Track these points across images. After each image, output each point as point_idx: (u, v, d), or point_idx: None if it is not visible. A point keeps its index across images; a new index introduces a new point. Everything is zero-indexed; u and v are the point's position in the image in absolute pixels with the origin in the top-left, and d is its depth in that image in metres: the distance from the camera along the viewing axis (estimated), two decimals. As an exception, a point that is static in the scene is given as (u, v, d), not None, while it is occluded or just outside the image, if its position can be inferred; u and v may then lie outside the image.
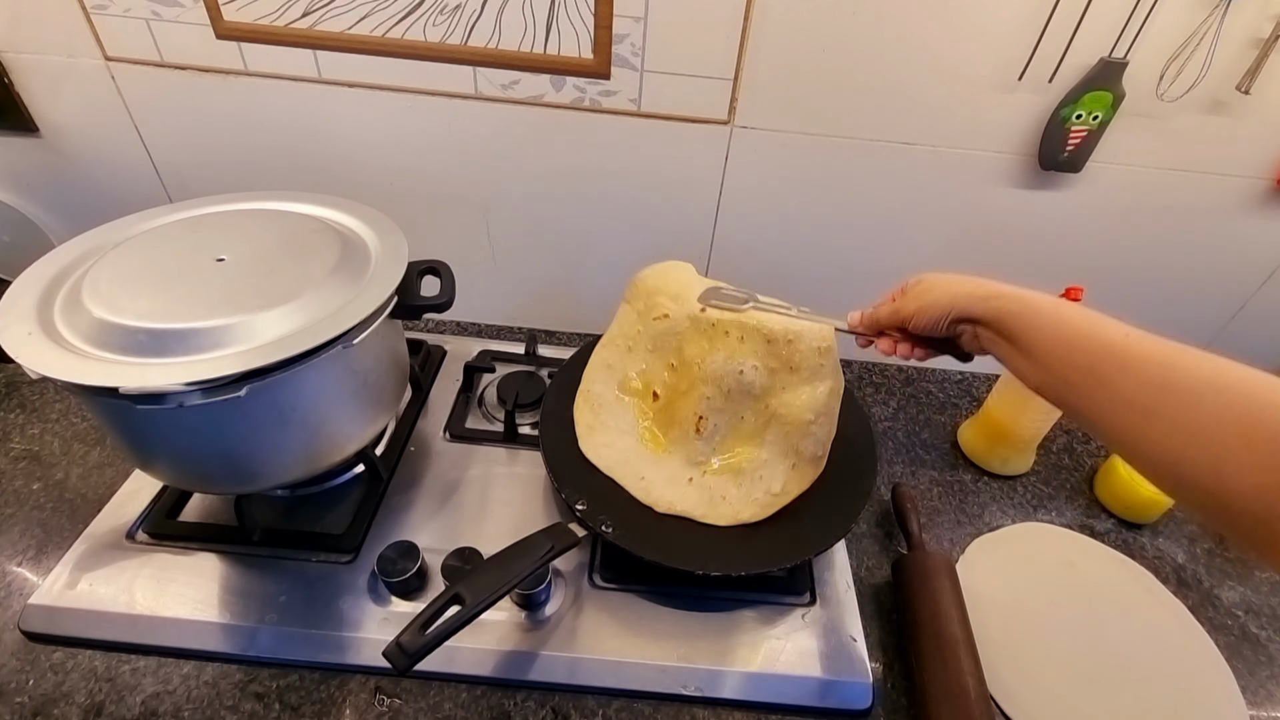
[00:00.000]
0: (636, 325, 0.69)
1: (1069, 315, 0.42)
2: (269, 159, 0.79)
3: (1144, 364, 0.37)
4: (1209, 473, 0.33)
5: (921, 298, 0.51)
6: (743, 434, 0.66)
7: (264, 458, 0.57)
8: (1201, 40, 0.63)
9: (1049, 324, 0.42)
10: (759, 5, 0.65)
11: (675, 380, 0.68)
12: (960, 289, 0.49)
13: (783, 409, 0.63)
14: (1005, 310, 0.45)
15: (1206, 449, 0.34)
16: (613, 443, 0.68)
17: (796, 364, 0.63)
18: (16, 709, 0.52)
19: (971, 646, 0.58)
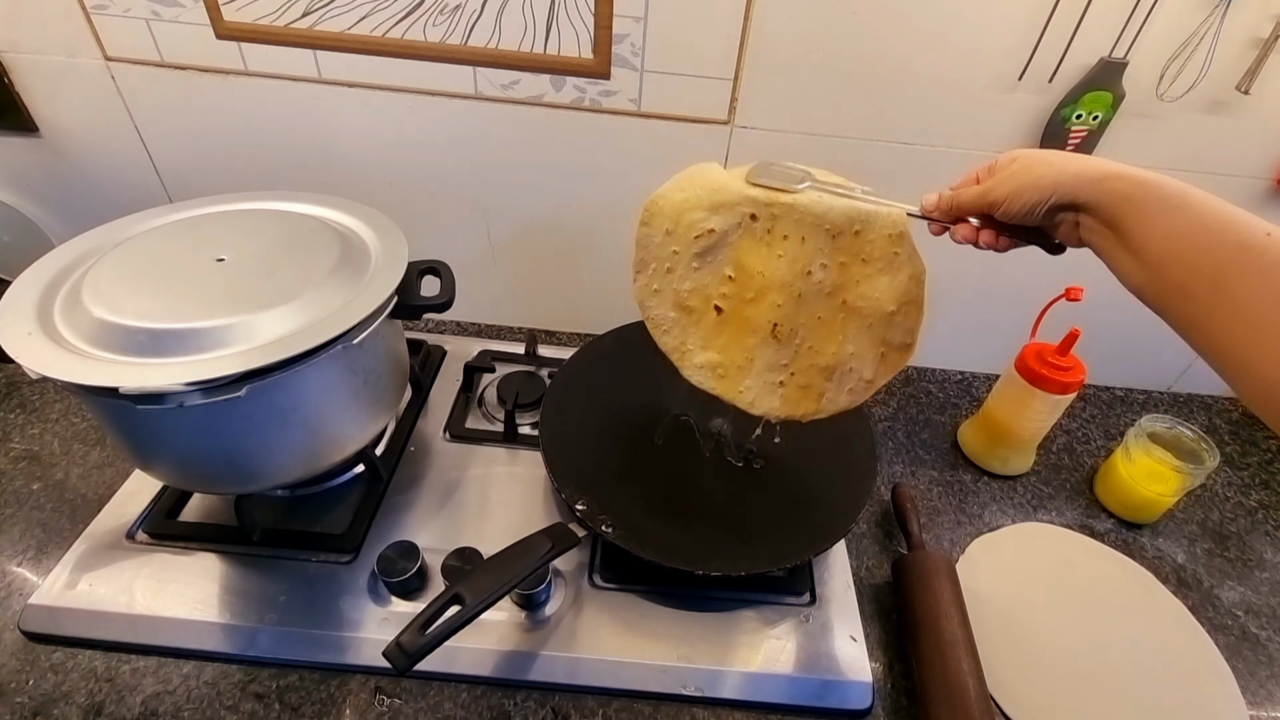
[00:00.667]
0: (669, 246, 0.61)
1: (1198, 204, 0.36)
2: (269, 159, 0.79)
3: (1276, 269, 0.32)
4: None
5: (1018, 177, 0.43)
6: (825, 332, 0.60)
7: (264, 458, 0.57)
8: (1201, 40, 0.63)
9: (1173, 216, 0.36)
10: (759, 5, 0.65)
11: (738, 290, 0.60)
12: (1068, 167, 0.41)
13: (860, 302, 0.57)
14: (1121, 194, 0.38)
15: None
16: (705, 362, 0.62)
17: (868, 254, 0.56)
18: (16, 709, 0.52)
19: (971, 646, 0.58)
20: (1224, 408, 0.96)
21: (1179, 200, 0.36)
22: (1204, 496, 0.82)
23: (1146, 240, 0.37)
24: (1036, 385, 0.74)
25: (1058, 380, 0.73)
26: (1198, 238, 0.35)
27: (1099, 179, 0.39)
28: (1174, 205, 0.36)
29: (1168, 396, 0.97)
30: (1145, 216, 0.37)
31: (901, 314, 0.57)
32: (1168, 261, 0.36)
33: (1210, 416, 0.94)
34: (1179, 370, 0.95)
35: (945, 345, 0.93)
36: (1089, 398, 0.95)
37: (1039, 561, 0.71)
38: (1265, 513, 0.81)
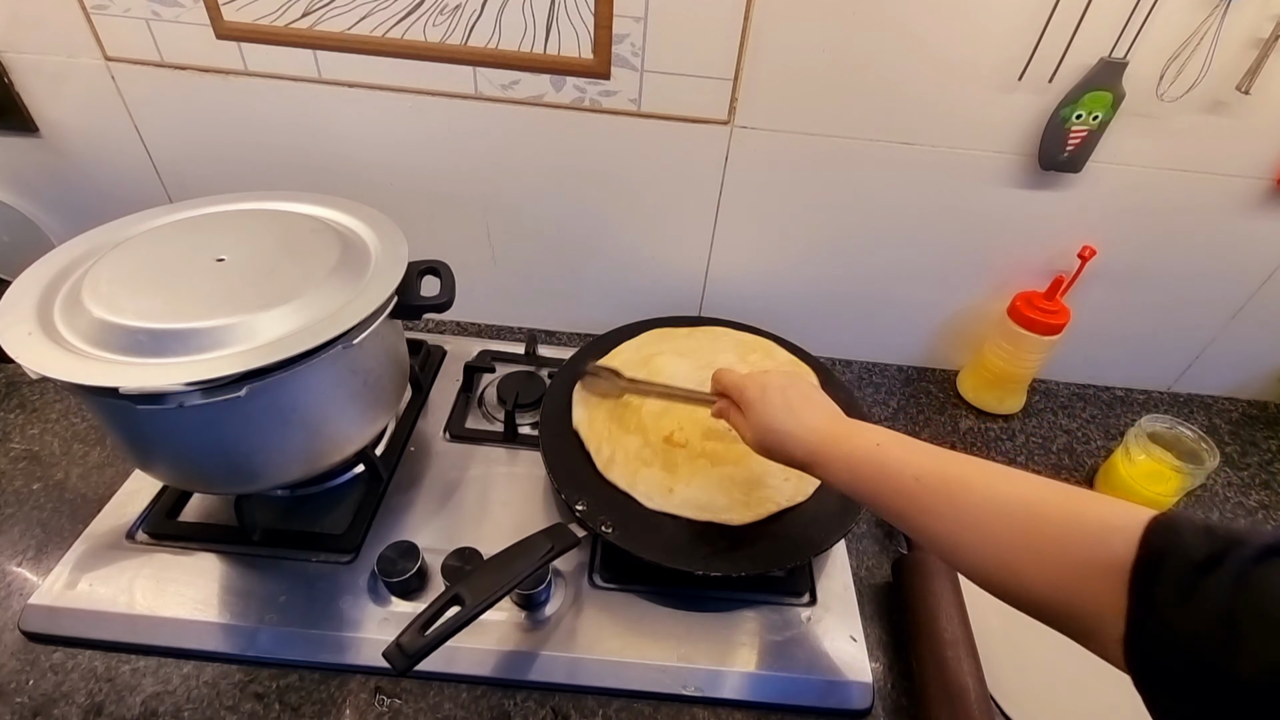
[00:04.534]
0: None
1: (862, 473, 0.47)
2: (269, 159, 0.79)
3: (935, 501, 0.42)
4: (1013, 584, 0.38)
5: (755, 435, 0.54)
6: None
7: (264, 458, 0.57)
8: (1201, 40, 0.63)
9: (846, 479, 0.48)
10: (759, 5, 0.65)
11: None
12: (768, 445, 0.53)
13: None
14: (804, 465, 0.51)
15: (1006, 564, 0.38)
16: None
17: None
18: (16, 709, 0.52)
19: (971, 646, 0.58)
20: (1224, 408, 0.96)
21: (847, 471, 0.48)
22: (1204, 496, 0.82)
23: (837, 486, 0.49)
24: (1027, 329, 0.81)
25: (1046, 323, 0.80)
26: (874, 495, 0.46)
27: (787, 458, 0.52)
28: (844, 476, 0.48)
29: (1168, 396, 0.97)
30: (828, 479, 0.50)
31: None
32: (859, 498, 0.48)
33: (1210, 416, 0.94)
34: (1179, 370, 0.95)
35: (945, 345, 0.93)
36: (1089, 398, 0.95)
37: (1039, 561, 0.71)
38: (1265, 513, 0.81)
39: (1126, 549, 0.32)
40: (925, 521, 0.43)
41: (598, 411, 0.70)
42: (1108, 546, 0.33)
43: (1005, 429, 0.88)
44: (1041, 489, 0.39)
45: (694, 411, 0.67)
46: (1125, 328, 0.89)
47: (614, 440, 0.67)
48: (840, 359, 0.96)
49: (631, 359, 0.75)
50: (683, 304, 0.90)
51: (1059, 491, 0.38)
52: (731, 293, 0.88)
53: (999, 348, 0.85)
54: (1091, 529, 0.35)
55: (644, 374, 0.71)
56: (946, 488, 0.42)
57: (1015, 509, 0.39)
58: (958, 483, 0.42)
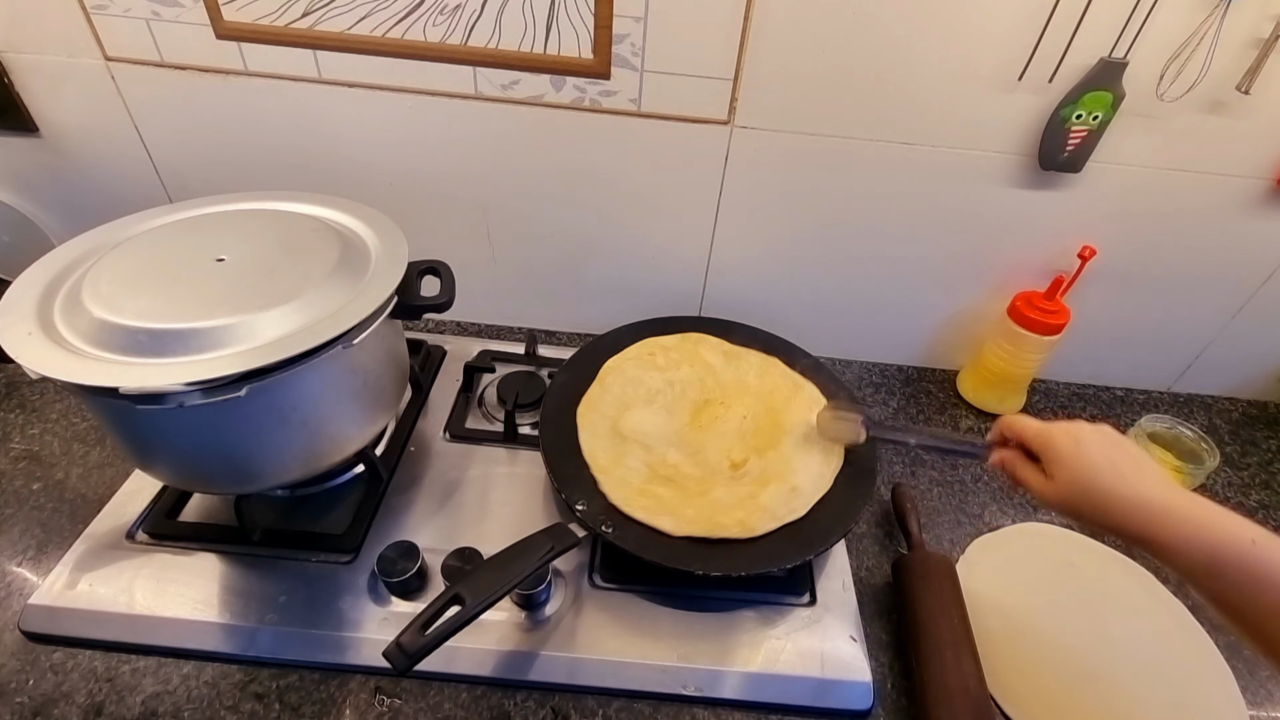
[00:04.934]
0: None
1: (1230, 575, 0.40)
2: (269, 159, 0.79)
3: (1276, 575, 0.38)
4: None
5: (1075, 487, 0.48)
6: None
7: (264, 458, 0.57)
8: (1201, 40, 0.63)
9: (1202, 576, 0.42)
10: (759, 5, 0.65)
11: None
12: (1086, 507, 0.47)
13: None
14: (1134, 538, 0.45)
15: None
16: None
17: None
18: (16, 709, 0.52)
19: (971, 646, 0.58)
20: (1224, 408, 0.96)
21: (1182, 542, 0.42)
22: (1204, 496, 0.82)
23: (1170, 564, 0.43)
24: (1027, 329, 0.81)
25: (1046, 323, 0.80)
26: (1210, 565, 0.40)
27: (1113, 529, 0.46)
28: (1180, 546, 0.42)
29: (1168, 396, 0.97)
30: (1161, 554, 0.43)
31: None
32: (1192, 577, 0.42)
33: (1210, 416, 0.94)
34: (1179, 370, 0.95)
35: (945, 345, 0.93)
36: (1089, 398, 0.95)
37: (1039, 561, 0.71)
38: (1265, 513, 0.81)
39: None
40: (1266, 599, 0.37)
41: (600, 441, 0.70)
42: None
43: (1005, 429, 0.88)
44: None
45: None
46: (1125, 328, 0.89)
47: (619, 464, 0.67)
48: (840, 359, 0.96)
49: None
50: (683, 304, 0.90)
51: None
52: (731, 292, 0.88)
53: (999, 348, 0.85)
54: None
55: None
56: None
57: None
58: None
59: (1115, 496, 0.45)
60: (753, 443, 0.70)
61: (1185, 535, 0.42)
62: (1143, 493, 0.45)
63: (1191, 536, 0.42)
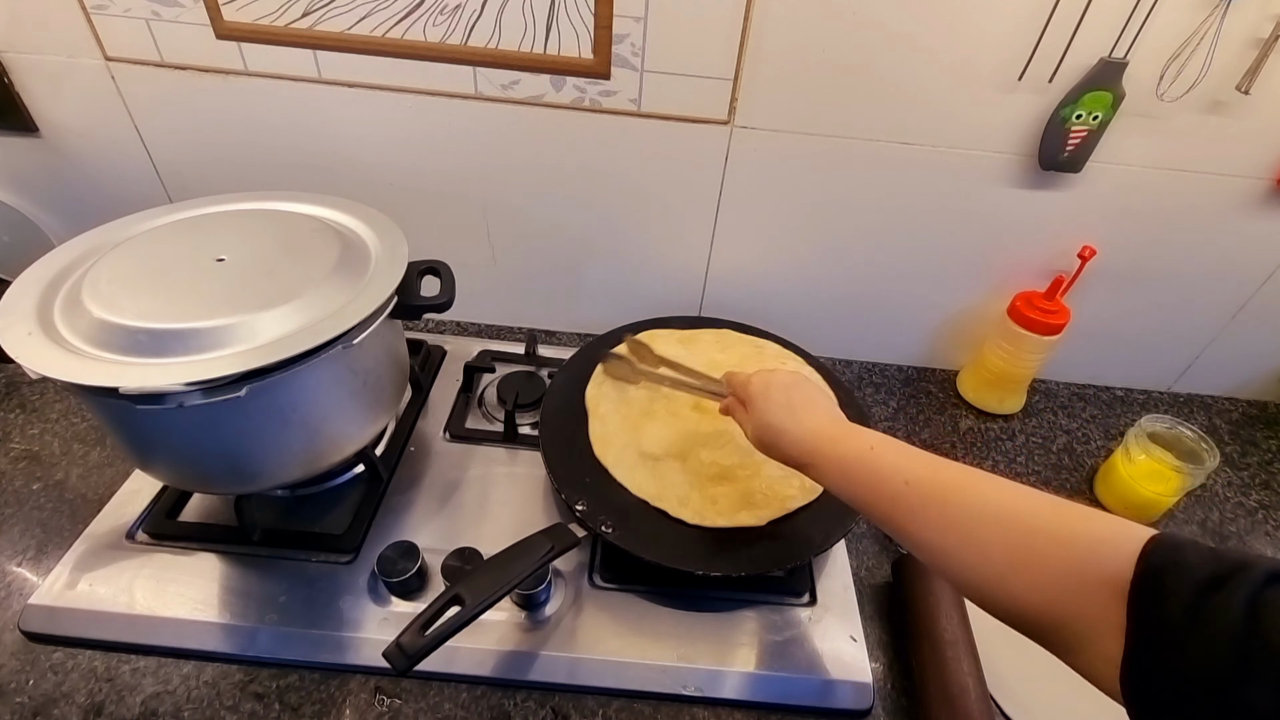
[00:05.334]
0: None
1: (854, 475, 0.47)
2: (269, 159, 0.79)
3: (925, 507, 0.42)
4: (1000, 594, 0.38)
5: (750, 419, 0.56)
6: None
7: (264, 458, 0.57)
8: (1201, 40, 0.63)
9: (839, 481, 0.48)
10: (759, 5, 0.65)
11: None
12: (766, 442, 0.54)
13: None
14: (799, 465, 0.51)
15: (994, 573, 0.38)
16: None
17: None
18: (16, 709, 0.52)
19: (971, 646, 0.58)
20: (1224, 408, 0.96)
21: (840, 474, 0.48)
22: (1204, 496, 0.82)
23: (831, 489, 0.50)
24: (1027, 329, 0.81)
25: (1046, 323, 0.80)
26: (864, 496, 0.46)
27: (782, 457, 0.53)
28: (837, 478, 0.48)
29: (1168, 396, 0.97)
30: (823, 479, 0.50)
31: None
32: (853, 501, 0.47)
33: (1210, 416, 0.94)
34: (1179, 370, 0.95)
35: (945, 345, 0.93)
36: (1089, 398, 0.95)
37: (1039, 561, 0.71)
38: (1265, 513, 0.81)
39: (1119, 563, 0.32)
40: (915, 527, 0.42)
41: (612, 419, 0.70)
42: (1099, 559, 0.33)
43: (1005, 429, 0.88)
44: (1034, 499, 0.39)
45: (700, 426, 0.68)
46: (1125, 328, 0.89)
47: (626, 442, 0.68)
48: (840, 359, 0.96)
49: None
50: (683, 304, 0.90)
51: (1052, 502, 0.38)
52: (731, 293, 0.88)
53: (999, 348, 0.85)
54: (1083, 541, 0.34)
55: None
56: (938, 493, 0.42)
57: (1006, 518, 0.38)
58: (950, 489, 0.42)
59: (785, 430, 0.52)
60: None
61: (826, 453, 0.49)
62: (806, 425, 0.51)
63: (829, 453, 0.49)
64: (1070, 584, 0.34)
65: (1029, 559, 0.36)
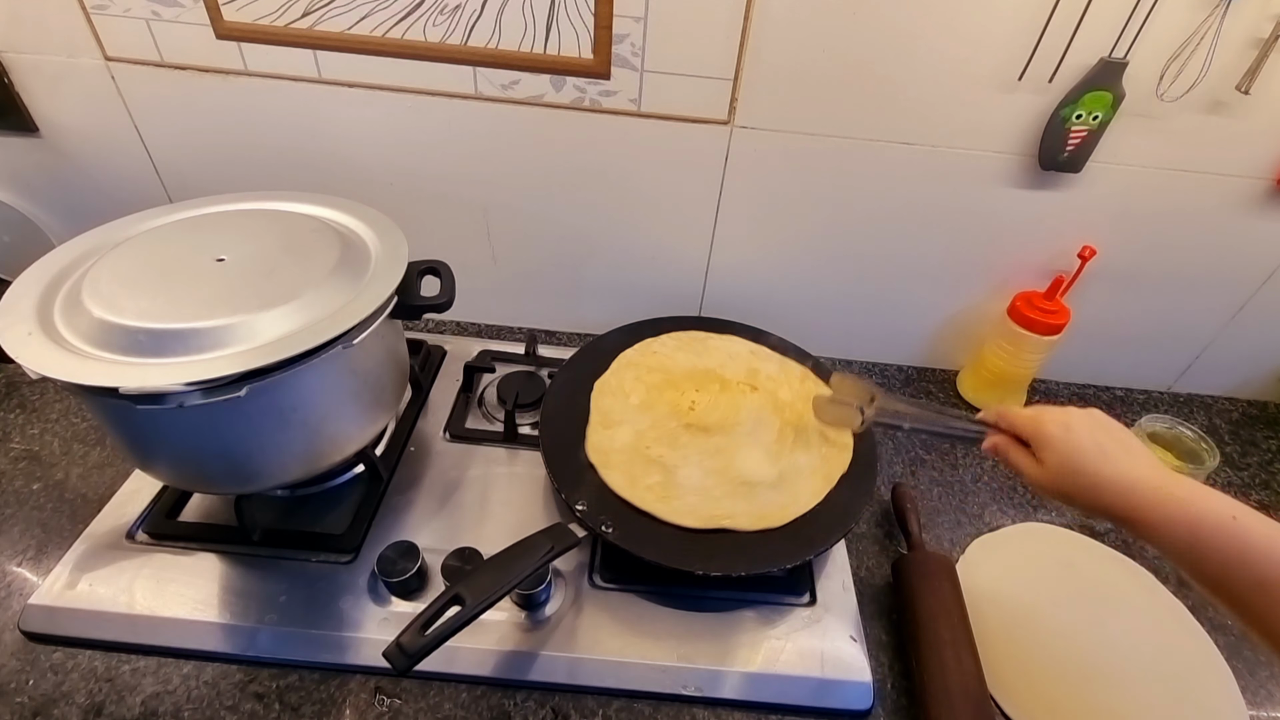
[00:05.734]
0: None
1: (1210, 547, 0.41)
2: (269, 159, 0.79)
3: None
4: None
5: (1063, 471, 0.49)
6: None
7: (264, 458, 0.57)
8: (1201, 40, 0.63)
9: (1184, 549, 0.42)
10: (759, 5, 0.65)
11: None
12: (1068, 490, 0.48)
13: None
14: (1120, 518, 0.45)
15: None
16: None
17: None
18: (16, 709, 0.52)
19: (971, 646, 0.58)
20: (1224, 408, 0.96)
21: (1189, 542, 0.42)
22: (1204, 496, 0.82)
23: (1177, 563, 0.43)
24: (1027, 329, 0.81)
25: (1046, 323, 0.80)
26: (1227, 569, 0.40)
27: (1111, 517, 0.46)
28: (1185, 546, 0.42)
29: (1168, 396, 0.97)
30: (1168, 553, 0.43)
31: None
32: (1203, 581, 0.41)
33: (1210, 416, 0.94)
34: (1179, 370, 0.95)
35: (945, 345, 0.93)
36: (1089, 398, 0.95)
37: (1039, 561, 0.71)
38: (1265, 513, 0.80)
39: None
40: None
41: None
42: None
43: (1005, 429, 0.88)
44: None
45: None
46: (1125, 328, 0.89)
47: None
48: (840, 359, 0.96)
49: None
50: (683, 304, 0.90)
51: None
52: (731, 293, 0.88)
53: (999, 348, 0.85)
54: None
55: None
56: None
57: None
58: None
59: (1102, 479, 0.46)
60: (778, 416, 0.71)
61: (1167, 513, 0.42)
62: (1127, 474, 0.45)
63: (1174, 514, 0.42)
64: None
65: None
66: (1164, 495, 0.43)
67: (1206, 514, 0.41)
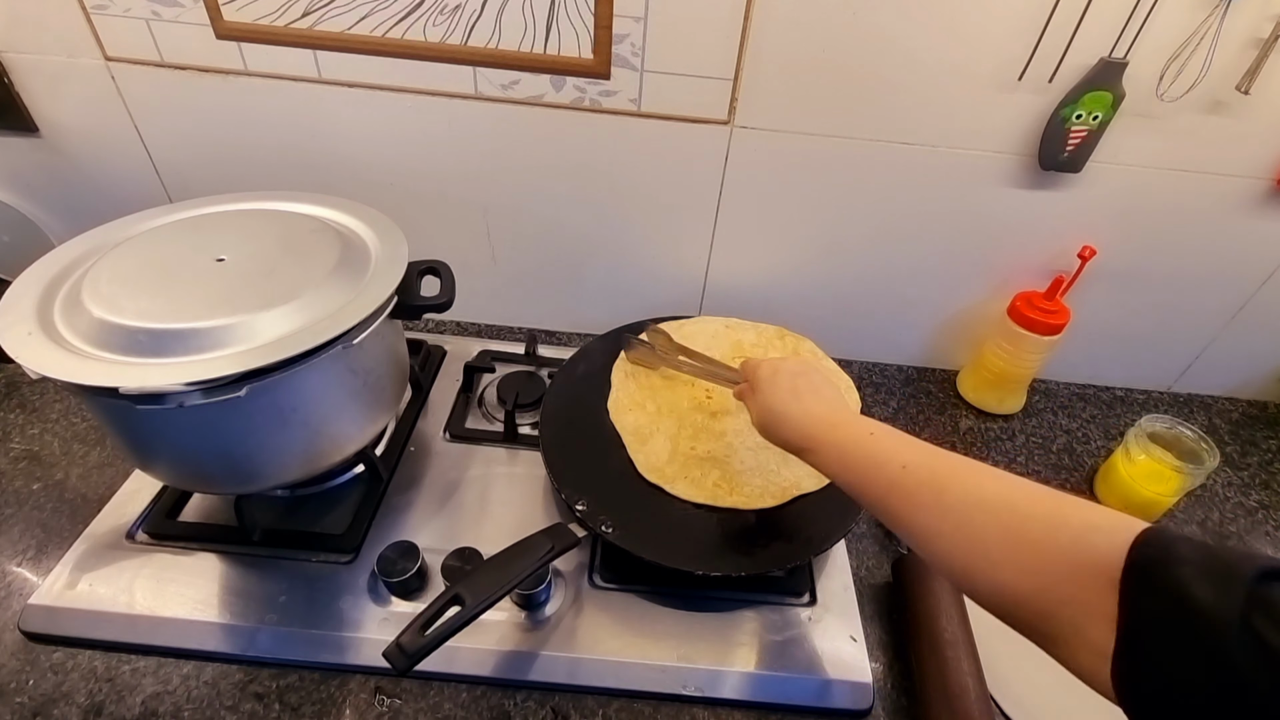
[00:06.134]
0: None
1: (851, 460, 0.47)
2: (269, 159, 0.79)
3: (920, 491, 0.42)
4: (991, 580, 0.38)
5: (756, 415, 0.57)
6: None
7: (264, 458, 0.57)
8: (1201, 40, 0.63)
9: (837, 466, 0.48)
10: (759, 5, 0.65)
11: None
12: (768, 426, 0.55)
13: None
14: (799, 450, 0.52)
15: (986, 560, 0.38)
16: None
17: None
18: (16, 709, 0.52)
19: (971, 646, 0.58)
20: (1224, 408, 0.96)
21: (838, 458, 0.48)
22: (1204, 496, 0.82)
23: (830, 474, 0.50)
24: (1027, 329, 0.81)
25: (1046, 323, 0.80)
26: (861, 481, 0.46)
27: (782, 442, 0.53)
28: (835, 462, 0.49)
29: (1168, 396, 0.97)
30: (822, 464, 0.50)
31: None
32: (849, 487, 0.48)
33: (1210, 416, 0.94)
34: (1179, 370, 0.95)
35: (945, 345, 0.93)
36: (1089, 398, 0.95)
37: (1039, 561, 0.71)
38: (1265, 513, 0.81)
39: (1112, 552, 0.32)
40: (908, 512, 0.42)
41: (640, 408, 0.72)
42: (1092, 546, 0.33)
43: (1005, 429, 0.88)
44: (1030, 488, 0.39)
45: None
46: (1125, 328, 0.89)
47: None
48: (840, 359, 0.95)
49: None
50: (683, 304, 0.90)
51: (1047, 491, 0.38)
52: (731, 293, 0.88)
53: (999, 348, 0.85)
54: (1076, 527, 0.35)
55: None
56: (933, 479, 0.42)
57: (1001, 504, 0.38)
58: (946, 474, 0.42)
59: (787, 415, 0.53)
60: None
61: (826, 439, 0.49)
62: (809, 411, 0.52)
63: (830, 439, 0.49)
64: (1061, 570, 0.34)
65: (1021, 544, 0.36)
66: (826, 425, 0.50)
67: (849, 435, 0.48)
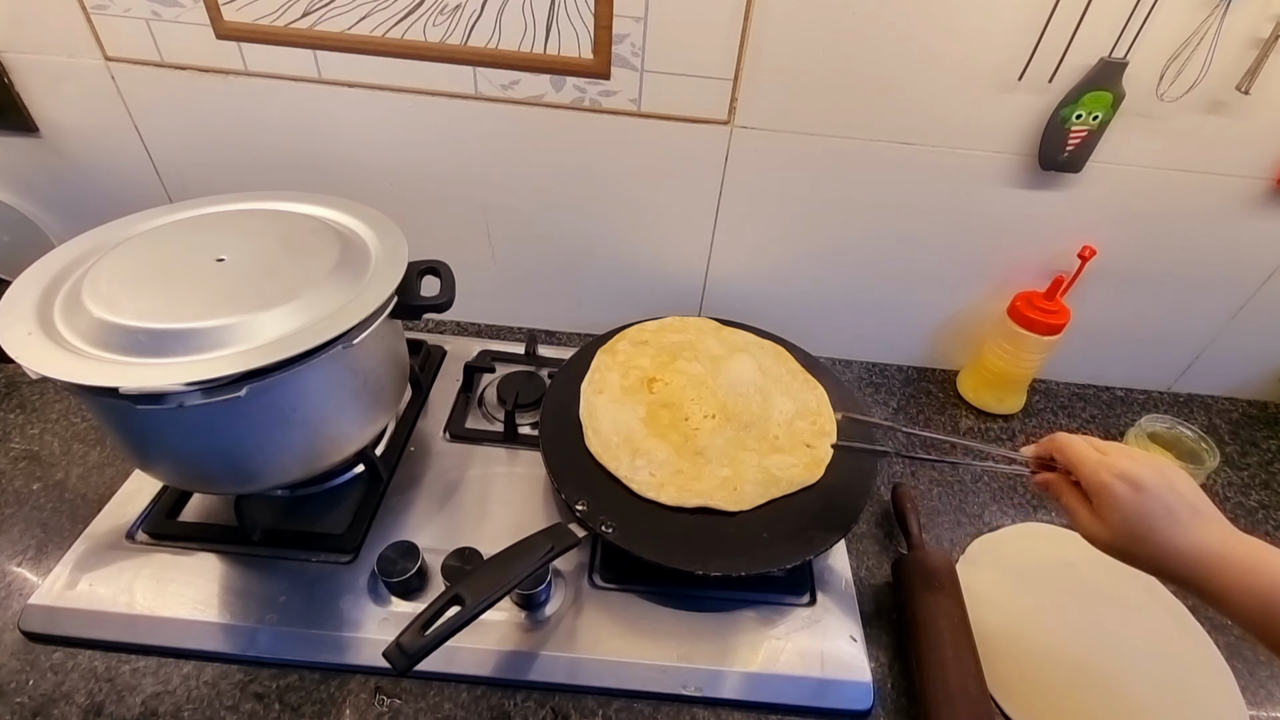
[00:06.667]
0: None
1: (1253, 588, 0.40)
2: (269, 159, 0.79)
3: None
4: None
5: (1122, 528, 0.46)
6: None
7: (264, 458, 0.57)
8: (1201, 40, 0.63)
9: (1255, 618, 0.41)
10: (759, 5, 0.65)
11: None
12: (1129, 551, 0.46)
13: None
14: (1183, 583, 0.44)
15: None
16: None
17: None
18: (16, 709, 0.52)
19: (971, 646, 0.58)
20: (1224, 408, 0.96)
21: (1242, 583, 0.41)
22: (1204, 496, 0.82)
23: (1228, 612, 0.42)
24: (1027, 329, 0.81)
25: (1046, 323, 0.80)
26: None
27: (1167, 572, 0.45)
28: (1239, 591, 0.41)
29: (1168, 396, 0.97)
30: (1220, 597, 0.42)
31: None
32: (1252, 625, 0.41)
33: (1210, 416, 0.94)
34: (1179, 370, 0.95)
35: (945, 345, 0.93)
36: (1089, 398, 0.95)
37: (1039, 561, 0.71)
38: (1265, 513, 0.81)
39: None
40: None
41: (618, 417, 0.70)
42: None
43: (1005, 429, 0.88)
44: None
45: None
46: (1125, 328, 0.89)
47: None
48: (840, 359, 0.96)
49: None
50: (683, 304, 0.90)
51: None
52: (731, 293, 0.88)
53: (999, 348, 0.85)
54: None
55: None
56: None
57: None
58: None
59: (1169, 548, 0.44)
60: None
61: (1242, 584, 0.41)
62: (1198, 542, 0.43)
63: (1247, 584, 0.41)
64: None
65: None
66: (1234, 563, 0.42)
67: (1278, 584, 0.40)
